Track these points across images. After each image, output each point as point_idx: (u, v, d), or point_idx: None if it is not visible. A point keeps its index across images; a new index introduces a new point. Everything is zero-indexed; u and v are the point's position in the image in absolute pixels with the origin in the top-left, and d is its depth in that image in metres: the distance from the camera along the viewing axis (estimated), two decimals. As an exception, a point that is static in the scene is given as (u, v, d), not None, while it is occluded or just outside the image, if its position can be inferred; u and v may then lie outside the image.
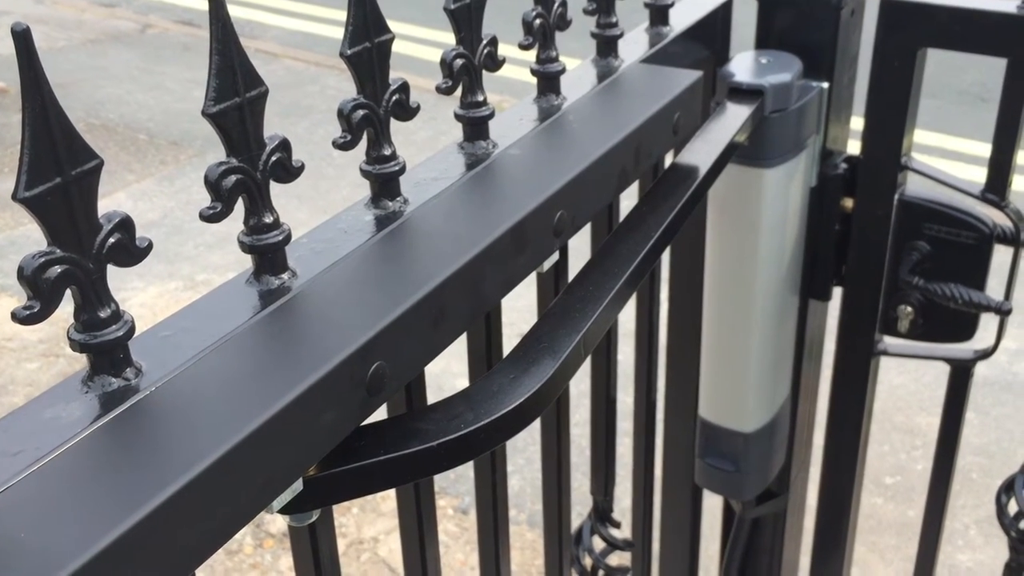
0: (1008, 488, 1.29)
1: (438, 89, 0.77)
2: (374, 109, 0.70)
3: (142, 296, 3.92)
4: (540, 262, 0.79)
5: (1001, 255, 1.19)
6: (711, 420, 1.38)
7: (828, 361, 1.45)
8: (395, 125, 0.73)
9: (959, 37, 1.12)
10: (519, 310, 3.92)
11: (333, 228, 0.72)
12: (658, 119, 0.92)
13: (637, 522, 1.35)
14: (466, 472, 2.95)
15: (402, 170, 0.74)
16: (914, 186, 1.26)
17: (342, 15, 0.70)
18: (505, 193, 0.78)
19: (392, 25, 0.72)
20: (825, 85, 1.22)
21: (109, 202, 4.62)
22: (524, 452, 3.03)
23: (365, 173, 0.73)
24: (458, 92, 0.82)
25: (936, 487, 1.42)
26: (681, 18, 1.15)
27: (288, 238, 0.64)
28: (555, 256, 0.82)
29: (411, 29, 6.03)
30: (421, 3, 5.07)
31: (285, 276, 0.65)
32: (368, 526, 2.77)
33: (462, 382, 3.55)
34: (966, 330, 1.25)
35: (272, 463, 0.55)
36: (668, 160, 1.01)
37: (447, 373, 3.37)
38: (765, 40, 1.25)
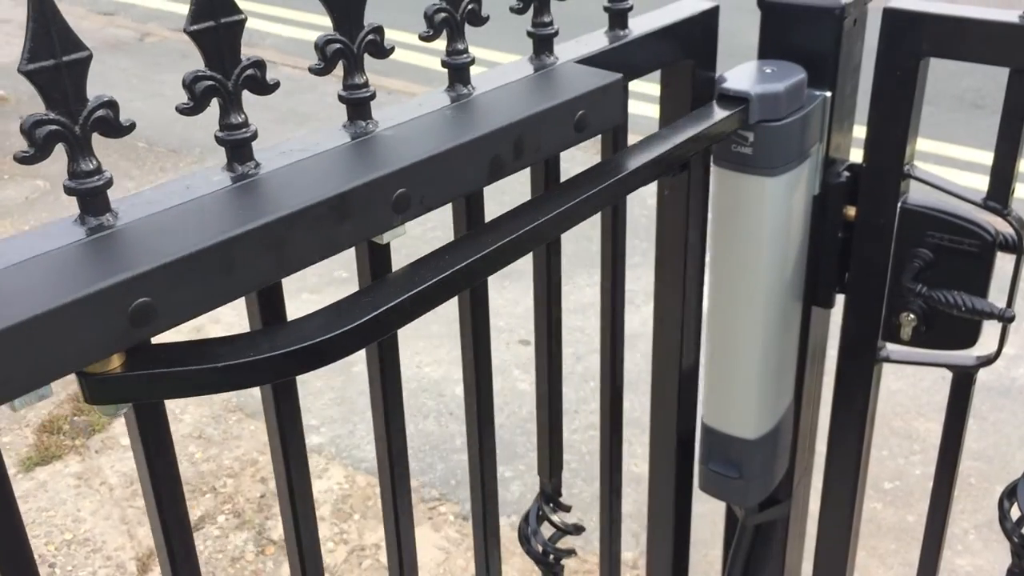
0: (1011, 494, 1.30)
1: (311, 69, 0.83)
2: (221, 81, 0.77)
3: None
4: (374, 233, 0.84)
5: (1003, 263, 1.19)
6: (714, 426, 1.39)
7: (829, 367, 1.46)
8: None
9: (961, 46, 1.13)
10: (518, 316, 3.93)
11: (180, 184, 0.80)
12: (551, 114, 0.95)
13: (604, 514, 1.44)
14: (466, 479, 2.96)
15: (253, 136, 0.80)
16: (916, 194, 1.27)
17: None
18: (348, 166, 0.83)
19: (392, 34, 0.73)
20: (828, 94, 1.23)
21: (108, 209, 4.62)
22: (524, 458, 3.04)
23: (219, 140, 0.80)
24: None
25: (938, 493, 1.42)
26: (650, 23, 1.17)
27: (109, 183, 0.72)
28: (400, 230, 0.87)
29: (408, 37, 6.03)
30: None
31: (106, 217, 0.73)
32: (370, 533, 2.77)
33: (462, 388, 3.56)
34: (969, 337, 1.26)
35: (35, 359, 0.65)
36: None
37: (447, 380, 3.38)
38: (768, 49, 1.26)
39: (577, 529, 1.32)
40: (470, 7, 0.94)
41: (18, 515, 0.70)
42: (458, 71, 0.97)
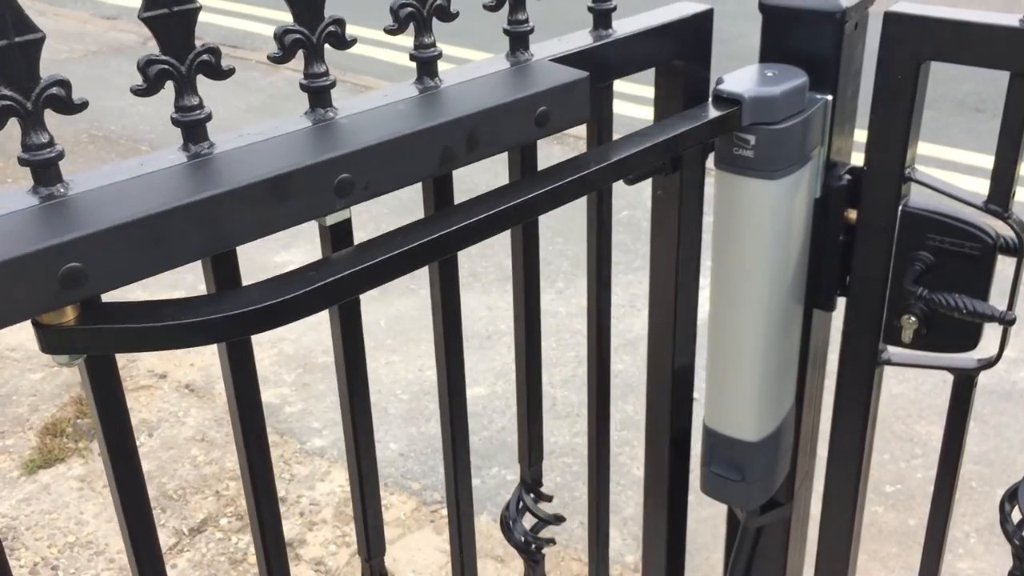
0: (1012, 496, 1.30)
1: (269, 57, 0.88)
2: (175, 66, 0.81)
3: (144, 306, 3.93)
4: (315, 215, 0.88)
5: (1004, 266, 1.20)
6: (716, 429, 1.39)
7: (831, 370, 1.46)
8: None
9: (962, 50, 1.14)
10: (520, 320, 3.93)
11: (136, 162, 0.84)
12: (508, 108, 0.98)
13: (592, 512, 1.46)
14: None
15: (207, 118, 0.85)
16: (917, 197, 1.28)
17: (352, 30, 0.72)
18: (295, 150, 0.87)
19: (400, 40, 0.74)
20: (829, 97, 1.23)
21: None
22: (526, 462, 3.04)
23: (174, 121, 0.85)
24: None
25: (940, 496, 1.43)
26: (636, 24, 1.19)
27: (60, 156, 0.78)
28: (344, 213, 0.93)
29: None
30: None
31: (57, 187, 0.78)
32: (371, 536, 2.78)
33: (469, 392, 3.56)
34: (970, 340, 1.26)
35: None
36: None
37: (449, 383, 3.38)
38: (769, 53, 1.26)
39: (557, 519, 1.36)
40: (437, 3, 0.97)
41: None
42: (425, 64, 1.00)
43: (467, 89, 1.00)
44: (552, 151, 4.55)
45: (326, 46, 0.90)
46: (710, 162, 1.30)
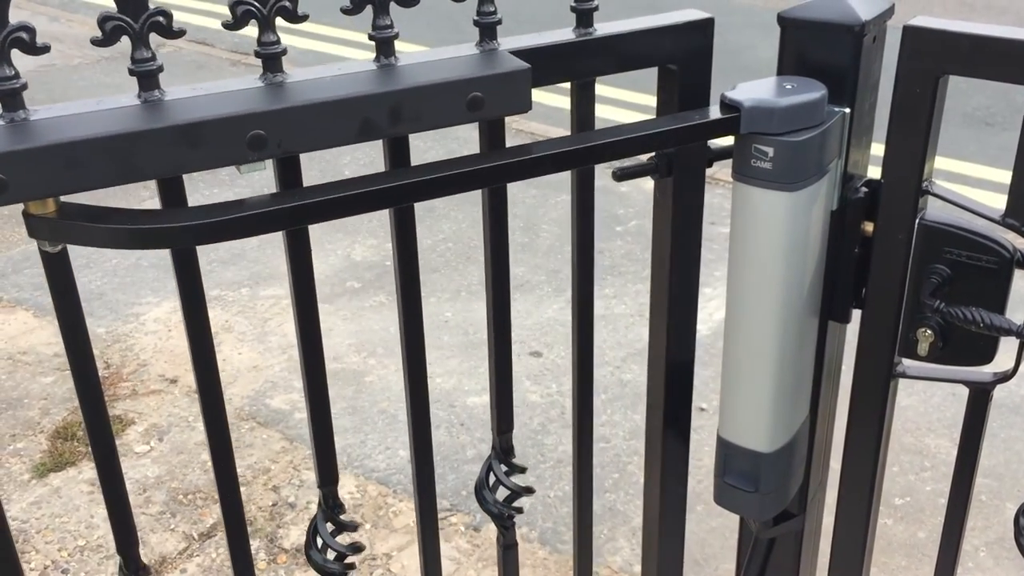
0: (1026, 510, 1.30)
1: (223, 24, 1.00)
2: (130, 24, 0.93)
3: (156, 311, 3.95)
4: (227, 163, 0.99)
5: (1021, 280, 1.20)
6: (731, 439, 1.40)
7: (845, 382, 1.47)
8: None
9: (981, 64, 1.14)
10: (528, 328, 3.94)
11: (94, 101, 0.97)
12: (434, 90, 1.05)
13: (575, 514, 1.56)
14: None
15: (159, 69, 0.99)
16: (934, 210, 1.28)
17: (351, 35, 0.74)
18: (223, 104, 0.98)
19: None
20: (847, 110, 1.24)
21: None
22: (535, 470, 3.04)
23: (130, 71, 0.97)
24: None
25: (953, 509, 1.43)
26: (622, 26, 1.23)
27: (24, 87, 0.92)
28: (259, 165, 1.01)
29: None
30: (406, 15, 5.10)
31: (19, 112, 0.92)
32: (380, 542, 2.78)
33: (473, 399, 3.57)
34: (986, 353, 1.27)
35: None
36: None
37: (458, 391, 3.38)
38: (787, 65, 1.27)
39: (528, 491, 1.48)
40: None
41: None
42: (383, 44, 1.08)
43: (409, 69, 1.08)
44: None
45: (278, 19, 1.01)
46: (715, 172, 1.31)
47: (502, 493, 1.47)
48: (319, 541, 1.33)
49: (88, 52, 6.86)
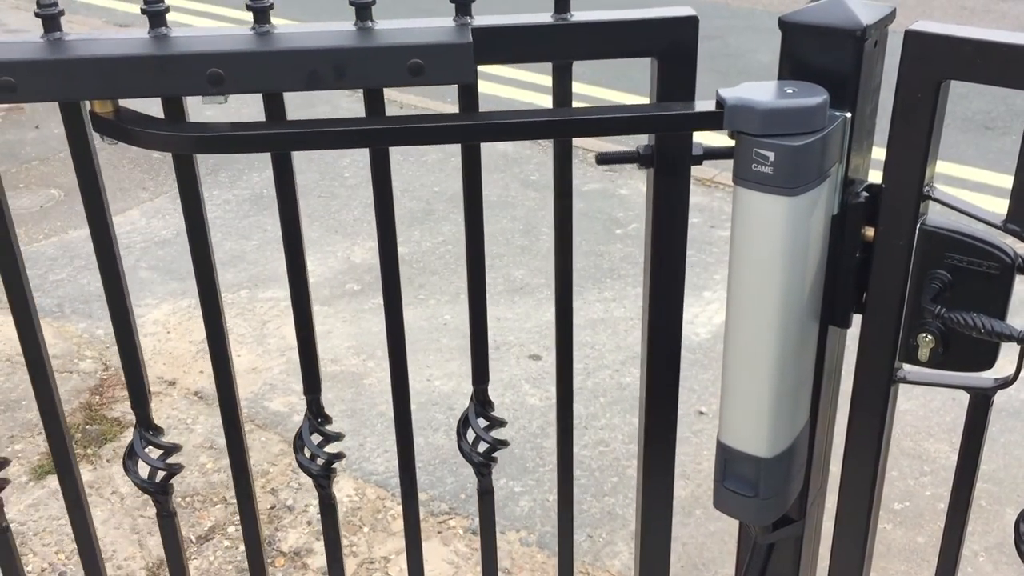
0: (1027, 516, 1.30)
1: None
2: None
3: (155, 313, 3.94)
4: (190, 93, 1.19)
5: (1022, 286, 1.20)
6: (730, 445, 1.39)
7: (845, 387, 1.46)
8: (409, 150, 0.82)
9: (983, 69, 1.14)
10: (527, 331, 3.93)
11: (114, 30, 1.25)
12: (376, 52, 1.18)
13: (563, 514, 1.61)
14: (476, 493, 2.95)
15: (166, 10, 1.21)
16: (935, 215, 1.28)
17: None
18: (193, 44, 1.17)
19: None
20: (848, 115, 1.23)
21: (123, 220, 4.64)
22: (534, 473, 3.04)
23: (142, 10, 1.20)
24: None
25: (954, 515, 1.42)
26: (600, 15, 1.27)
27: (61, 13, 1.19)
28: (219, 98, 1.18)
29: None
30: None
31: (56, 32, 1.18)
32: (379, 545, 2.77)
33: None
34: (987, 359, 1.26)
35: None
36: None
37: (457, 393, 3.38)
38: (788, 69, 1.26)
39: (502, 443, 1.58)
40: None
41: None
42: (361, 9, 1.20)
43: (368, 33, 1.19)
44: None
45: None
46: (715, 176, 1.31)
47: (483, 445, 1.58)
48: (307, 452, 1.57)
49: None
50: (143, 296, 4.05)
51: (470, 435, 1.57)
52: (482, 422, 1.55)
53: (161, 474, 1.57)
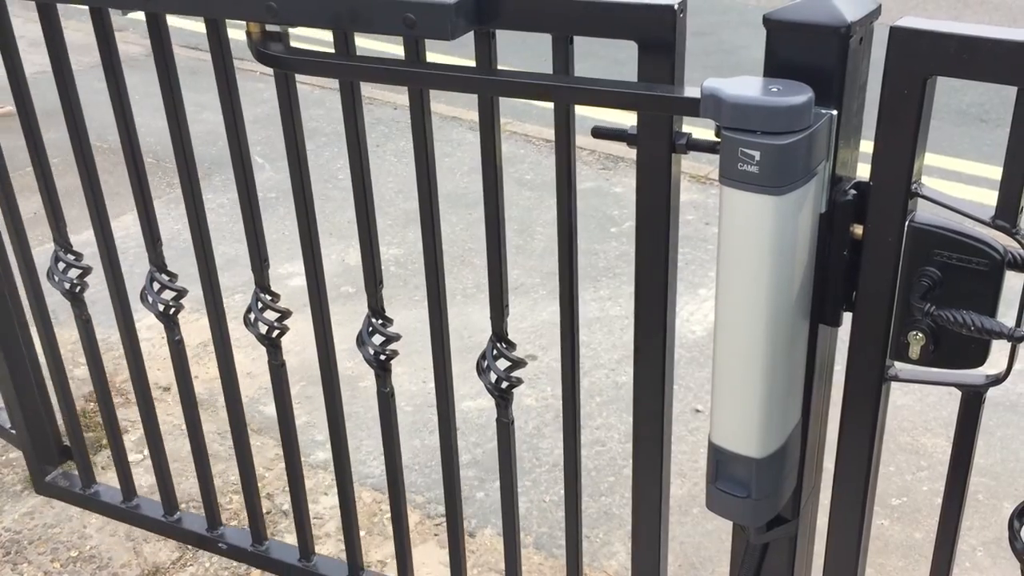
0: (1021, 514, 1.29)
1: None
2: None
3: (149, 318, 3.92)
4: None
5: (1012, 281, 1.19)
6: (722, 445, 1.39)
7: (837, 386, 1.46)
8: (403, 150, 0.81)
9: (969, 65, 1.13)
10: (524, 331, 3.92)
11: None
12: (379, 5, 1.43)
13: (570, 515, 1.74)
14: (472, 495, 2.95)
15: None
16: (924, 212, 1.27)
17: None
18: None
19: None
20: (834, 112, 1.23)
21: (118, 224, 4.62)
22: (531, 474, 3.03)
23: None
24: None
25: (948, 511, 1.42)
26: None
27: None
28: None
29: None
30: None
31: None
32: (375, 549, 2.77)
33: (468, 403, 3.56)
34: (978, 356, 1.26)
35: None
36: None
37: (456, 394, 3.37)
38: (773, 67, 1.26)
39: (522, 362, 1.80)
40: None
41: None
42: None
43: None
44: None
45: None
46: (709, 172, 1.31)
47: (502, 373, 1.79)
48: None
49: (81, 59, 6.82)
50: (136, 301, 4.04)
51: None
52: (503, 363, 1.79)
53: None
